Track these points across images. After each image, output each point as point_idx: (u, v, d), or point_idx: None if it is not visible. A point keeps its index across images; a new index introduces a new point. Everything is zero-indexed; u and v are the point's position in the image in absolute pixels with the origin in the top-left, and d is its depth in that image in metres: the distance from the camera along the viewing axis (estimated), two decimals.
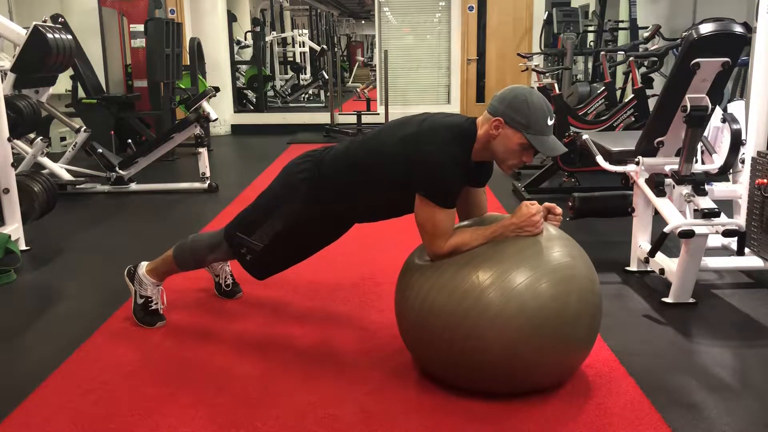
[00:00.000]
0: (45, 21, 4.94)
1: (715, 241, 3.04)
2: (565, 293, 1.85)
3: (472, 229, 1.97)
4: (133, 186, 5.18)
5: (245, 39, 11.69)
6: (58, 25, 5.07)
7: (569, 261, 1.91)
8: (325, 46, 13.12)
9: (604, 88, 5.40)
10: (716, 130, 3.14)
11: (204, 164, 5.15)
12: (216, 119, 5.33)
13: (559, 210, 2.06)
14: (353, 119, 8.49)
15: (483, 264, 1.86)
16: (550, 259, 1.89)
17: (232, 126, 8.95)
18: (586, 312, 1.91)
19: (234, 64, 9.54)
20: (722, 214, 2.60)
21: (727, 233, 2.55)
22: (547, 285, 1.83)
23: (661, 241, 2.61)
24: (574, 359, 2.00)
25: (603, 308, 2.63)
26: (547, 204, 2.07)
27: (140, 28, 6.65)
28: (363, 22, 24.94)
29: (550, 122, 1.91)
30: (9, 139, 3.49)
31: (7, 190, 3.46)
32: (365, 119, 8.48)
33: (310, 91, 12.40)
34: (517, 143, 1.92)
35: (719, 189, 3.07)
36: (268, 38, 11.50)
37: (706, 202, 2.62)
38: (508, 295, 1.80)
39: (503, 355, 1.82)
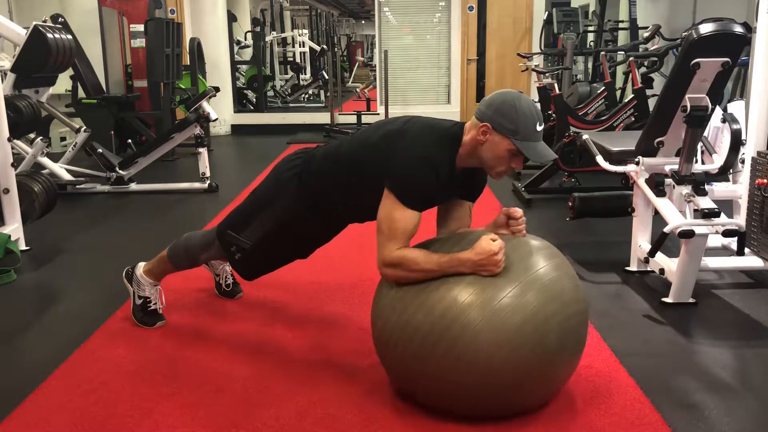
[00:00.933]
0: (45, 21, 4.94)
1: (715, 241, 3.04)
2: (549, 307, 1.74)
3: (426, 252, 1.83)
4: (133, 186, 5.18)
5: (245, 39, 11.69)
6: (58, 25, 5.07)
7: (551, 272, 1.80)
8: (325, 46, 13.12)
9: (604, 88, 5.40)
10: (716, 130, 3.14)
11: (204, 164, 5.15)
12: (216, 119, 5.33)
13: (519, 213, 1.93)
14: (353, 119, 8.50)
15: (462, 280, 1.76)
16: (531, 272, 1.78)
17: (232, 126, 8.95)
18: (570, 325, 1.80)
19: (234, 64, 9.54)
20: (722, 214, 2.60)
21: (727, 233, 2.56)
22: (530, 299, 1.73)
23: (661, 241, 2.61)
24: (562, 375, 1.88)
25: (603, 309, 2.65)
26: (504, 210, 1.95)
27: (140, 28, 6.65)
28: (363, 22, 24.94)
29: (539, 128, 1.85)
30: (9, 139, 3.49)
31: (7, 190, 3.46)
32: (365, 119, 8.48)
33: (310, 91, 12.39)
34: (505, 149, 1.85)
35: (719, 189, 3.07)
36: (268, 38, 11.50)
37: (706, 202, 2.62)
38: (490, 312, 1.70)
39: (484, 376, 1.72)
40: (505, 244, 1.79)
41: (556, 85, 4.79)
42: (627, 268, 3.12)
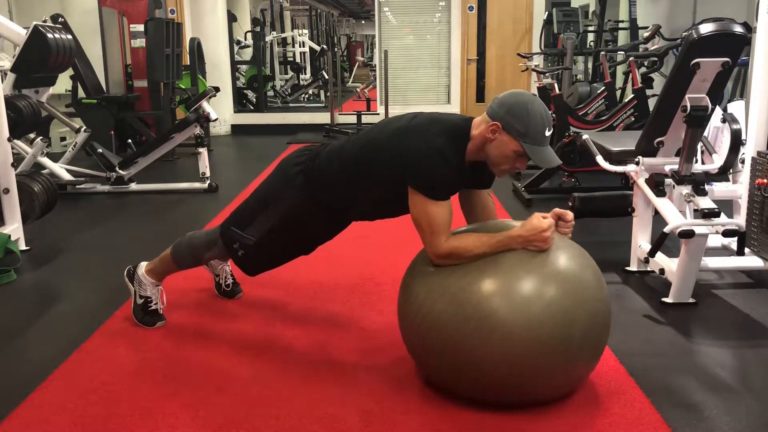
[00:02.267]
0: (45, 21, 4.94)
1: (715, 241, 3.04)
2: (573, 302, 1.78)
3: (476, 235, 1.88)
4: (133, 186, 5.17)
5: (245, 39, 11.69)
6: (58, 25, 5.07)
7: (577, 269, 1.85)
8: (325, 46, 13.12)
9: (604, 88, 5.40)
10: (716, 130, 3.14)
11: (204, 164, 5.15)
12: (216, 119, 5.33)
13: (570, 216, 1.96)
14: (353, 119, 8.50)
15: (487, 270, 1.81)
16: (557, 267, 1.82)
17: (232, 126, 8.96)
18: (594, 322, 1.84)
19: (234, 64, 9.54)
20: (722, 214, 2.60)
21: (727, 233, 2.55)
22: (554, 294, 1.77)
23: (661, 241, 2.61)
24: (582, 369, 1.93)
25: None
26: (557, 210, 1.98)
27: (140, 28, 6.65)
28: (363, 22, 24.94)
29: (547, 133, 1.87)
30: (9, 139, 3.49)
31: (7, 190, 3.46)
32: (365, 119, 8.49)
33: (310, 91, 12.40)
34: (512, 150, 1.88)
35: (719, 189, 3.07)
36: (268, 38, 11.50)
37: (706, 202, 2.62)
38: (513, 303, 1.75)
39: (506, 365, 1.77)
40: (553, 223, 1.86)
41: (556, 85, 4.79)
42: (627, 268, 3.12)
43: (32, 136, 4.83)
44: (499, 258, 1.83)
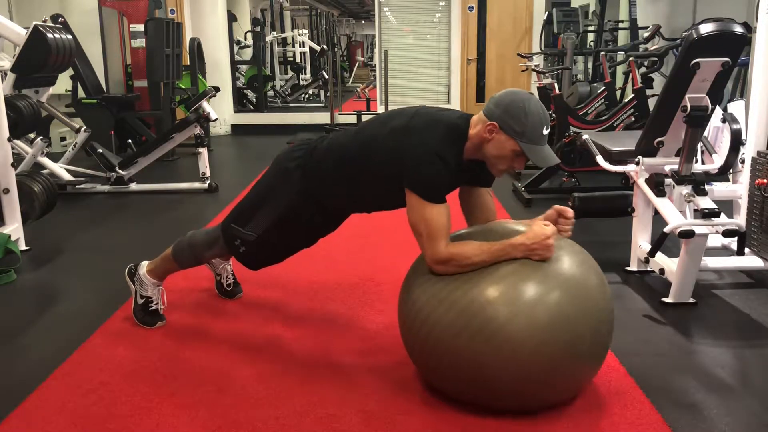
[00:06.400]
0: (45, 21, 4.94)
1: (715, 241, 3.04)
2: (578, 307, 1.75)
3: (476, 243, 1.83)
4: (133, 186, 5.17)
5: (245, 39, 11.69)
6: (58, 25, 5.07)
7: (579, 271, 1.82)
8: (325, 46, 13.12)
9: (604, 88, 5.40)
10: (716, 130, 3.14)
11: (204, 164, 5.15)
12: (216, 119, 5.33)
13: (570, 213, 1.94)
14: (353, 119, 8.50)
15: (488, 275, 1.78)
16: (560, 271, 1.79)
17: (232, 126, 8.96)
18: (599, 327, 1.82)
19: (234, 64, 9.54)
20: (722, 214, 2.60)
21: (727, 233, 2.56)
22: (558, 298, 1.74)
23: (661, 241, 2.61)
24: (586, 373, 1.90)
25: None
26: (557, 207, 1.97)
27: (140, 28, 6.65)
28: (363, 22, 24.93)
29: (545, 131, 1.86)
30: (9, 139, 3.49)
31: (7, 190, 3.46)
32: (365, 119, 8.46)
33: (310, 91, 12.40)
34: (510, 149, 1.87)
35: (719, 189, 3.07)
36: (268, 38, 11.50)
37: (706, 202, 2.62)
38: (515, 308, 1.72)
39: (510, 371, 1.74)
40: (556, 230, 1.84)
41: (556, 85, 4.79)
42: (627, 268, 3.12)
43: (32, 136, 4.83)
44: (501, 262, 1.81)
